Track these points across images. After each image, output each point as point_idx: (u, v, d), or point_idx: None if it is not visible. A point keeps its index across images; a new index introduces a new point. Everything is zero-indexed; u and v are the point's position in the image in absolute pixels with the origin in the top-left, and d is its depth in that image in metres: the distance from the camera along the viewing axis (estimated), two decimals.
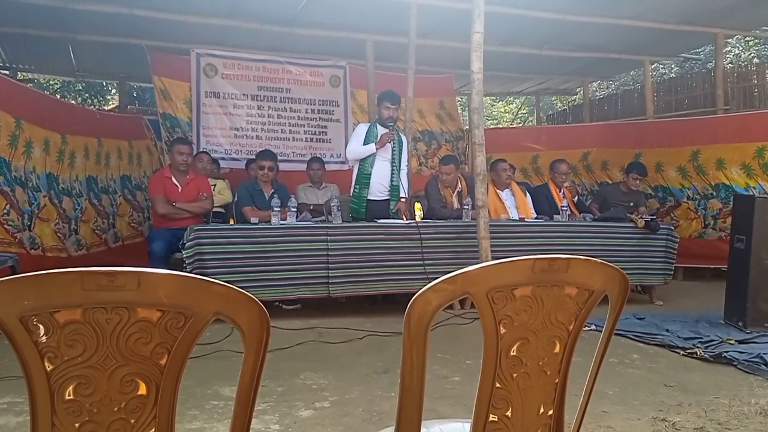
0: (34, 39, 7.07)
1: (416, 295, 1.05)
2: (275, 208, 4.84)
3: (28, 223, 4.97)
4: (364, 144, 5.27)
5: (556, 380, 1.20)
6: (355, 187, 5.37)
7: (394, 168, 5.31)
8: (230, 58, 7.16)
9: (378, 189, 5.33)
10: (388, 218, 5.25)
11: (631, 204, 6.24)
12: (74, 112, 6.93)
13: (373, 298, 5.28)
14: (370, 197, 5.31)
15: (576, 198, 6.43)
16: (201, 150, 6.58)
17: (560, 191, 6.21)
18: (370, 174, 5.28)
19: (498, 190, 5.91)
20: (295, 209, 5.03)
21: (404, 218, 5.32)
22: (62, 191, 5.58)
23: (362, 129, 5.43)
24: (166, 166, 5.78)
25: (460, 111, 9.71)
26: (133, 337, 0.90)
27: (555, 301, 1.14)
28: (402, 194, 5.40)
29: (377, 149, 5.20)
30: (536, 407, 1.19)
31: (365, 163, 5.30)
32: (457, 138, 8.68)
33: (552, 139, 8.64)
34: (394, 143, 5.24)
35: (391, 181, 5.33)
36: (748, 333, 4.15)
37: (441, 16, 6.47)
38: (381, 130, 5.27)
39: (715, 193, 6.81)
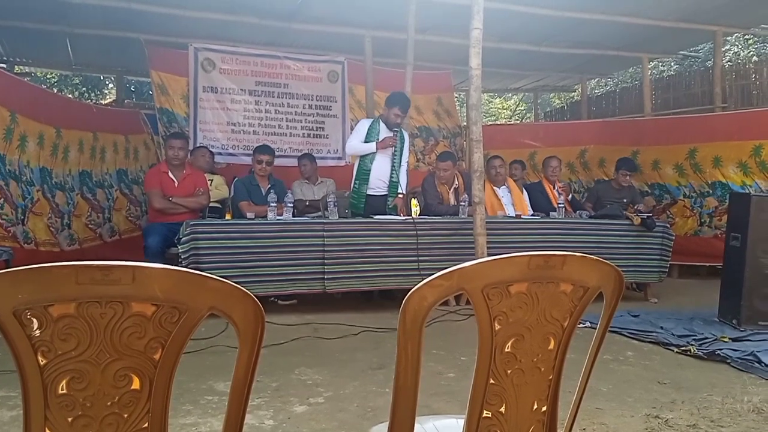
0: (31, 32, 7.03)
1: (412, 291, 1.05)
2: (271, 204, 4.84)
3: (22, 217, 4.95)
4: (365, 140, 5.27)
5: (551, 377, 1.20)
6: (355, 183, 5.38)
7: (395, 164, 5.31)
8: (228, 53, 7.13)
9: (377, 184, 5.33)
10: (386, 214, 5.25)
11: (625, 200, 6.25)
12: (70, 106, 6.90)
13: (369, 293, 5.28)
14: (369, 192, 5.32)
15: (570, 196, 6.43)
16: (199, 145, 6.57)
17: (554, 188, 6.22)
18: (370, 170, 5.28)
19: (495, 187, 5.91)
20: (292, 205, 5.02)
21: (401, 214, 5.32)
22: (55, 185, 5.56)
23: (364, 125, 5.41)
24: (162, 160, 5.76)
25: (457, 107, 9.70)
26: (127, 331, 0.90)
27: (550, 297, 1.14)
28: (400, 190, 5.40)
29: (377, 149, 5.19)
30: (530, 403, 1.19)
31: (365, 159, 5.30)
32: (455, 134, 8.67)
33: (549, 136, 8.64)
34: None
35: (391, 177, 5.33)
36: (742, 331, 4.16)
37: (440, 12, 6.46)
38: (383, 129, 5.26)
39: (711, 191, 6.83)
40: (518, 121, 16.99)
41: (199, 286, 0.93)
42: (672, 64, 13.13)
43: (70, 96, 11.35)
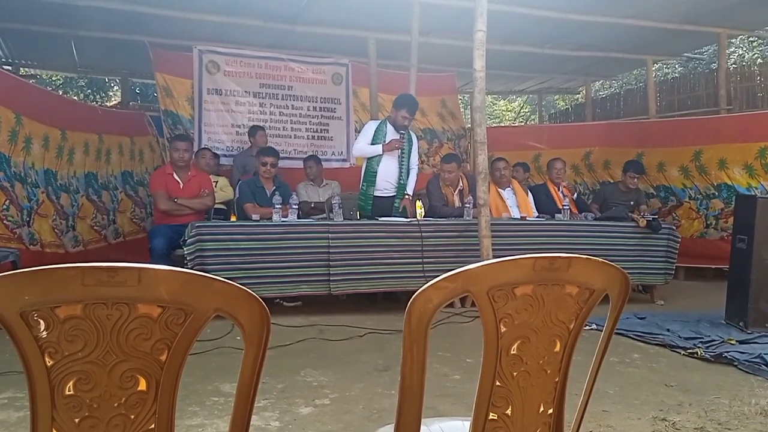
0: (36, 35, 7.07)
1: (417, 292, 1.05)
2: (276, 205, 4.85)
3: (27, 218, 4.97)
4: (372, 142, 5.27)
5: (557, 379, 1.20)
6: (362, 185, 5.39)
7: (402, 166, 5.31)
8: (232, 55, 7.15)
9: (384, 186, 5.33)
10: (393, 215, 5.25)
11: (632, 203, 6.23)
12: (75, 108, 6.92)
13: (374, 295, 5.28)
14: (376, 194, 5.32)
15: (575, 196, 6.42)
16: (203, 147, 6.59)
17: (559, 190, 6.21)
18: (377, 172, 5.28)
19: (499, 189, 5.90)
20: (297, 206, 5.02)
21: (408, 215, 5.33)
22: (60, 187, 5.57)
23: (371, 127, 5.41)
24: (167, 162, 5.78)
25: (462, 109, 9.70)
26: (133, 333, 0.90)
27: (556, 299, 1.13)
28: (405, 192, 5.40)
29: (383, 152, 5.20)
30: (536, 406, 1.19)
31: (372, 161, 5.30)
32: (459, 136, 8.67)
33: (554, 138, 8.63)
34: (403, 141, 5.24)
35: (399, 179, 5.33)
36: (749, 333, 4.14)
37: (443, 14, 6.47)
38: (390, 130, 5.26)
39: (717, 193, 6.80)
40: (522, 123, 16.95)
41: (204, 287, 0.93)
42: (676, 66, 13.09)
43: (75, 98, 11.39)
